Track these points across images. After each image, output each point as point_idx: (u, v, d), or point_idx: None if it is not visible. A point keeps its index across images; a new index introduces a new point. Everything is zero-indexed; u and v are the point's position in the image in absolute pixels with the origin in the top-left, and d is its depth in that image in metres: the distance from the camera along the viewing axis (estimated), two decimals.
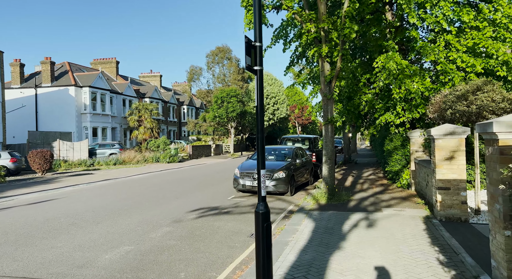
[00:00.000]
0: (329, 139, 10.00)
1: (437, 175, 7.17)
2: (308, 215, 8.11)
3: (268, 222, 3.66)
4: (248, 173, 10.84)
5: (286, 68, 12.65)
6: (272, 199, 10.61)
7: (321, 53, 9.58)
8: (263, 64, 3.77)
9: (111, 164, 26.32)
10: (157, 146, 28.55)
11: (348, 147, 21.93)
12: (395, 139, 11.84)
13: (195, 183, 14.29)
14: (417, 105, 10.63)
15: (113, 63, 40.93)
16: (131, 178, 17.13)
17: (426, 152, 10.80)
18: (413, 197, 9.92)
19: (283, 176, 10.73)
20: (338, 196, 9.79)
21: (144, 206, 9.61)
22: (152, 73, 50.65)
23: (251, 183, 10.67)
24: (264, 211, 3.59)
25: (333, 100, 10.05)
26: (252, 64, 3.65)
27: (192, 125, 42.32)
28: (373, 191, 11.31)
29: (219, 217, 8.15)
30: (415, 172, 10.96)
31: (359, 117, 12.81)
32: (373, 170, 17.95)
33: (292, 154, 12.21)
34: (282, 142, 16.07)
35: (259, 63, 3.68)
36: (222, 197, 10.86)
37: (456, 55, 10.32)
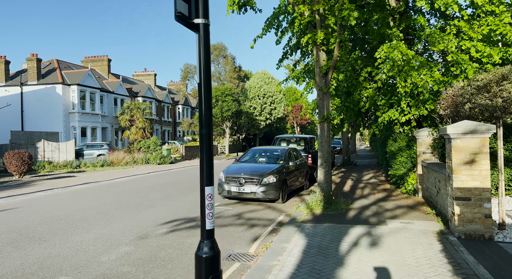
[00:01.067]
0: (325, 139, 8.75)
1: (454, 183, 5.93)
2: (300, 228, 6.87)
3: (217, 273, 2.33)
4: (234, 178, 9.59)
5: (279, 61, 11.38)
6: (261, 207, 9.36)
7: (315, 40, 8.33)
8: (209, 17, 2.43)
9: (98, 165, 25.04)
10: (147, 147, 27.28)
11: (347, 148, 20.72)
12: (399, 139, 10.61)
13: (179, 188, 13.03)
14: (424, 101, 9.41)
15: (104, 61, 39.63)
16: (113, 182, 15.87)
17: (435, 154, 9.57)
18: (421, 206, 8.68)
19: (274, 181, 9.49)
20: (335, 205, 8.54)
21: (111, 216, 8.35)
22: (146, 72, 49.36)
23: (237, 189, 9.41)
24: (210, 255, 2.29)
25: (329, 95, 8.81)
26: (192, 14, 2.34)
27: (187, 125, 41.04)
28: (375, 197, 10.07)
29: (194, 232, 6.89)
30: (422, 177, 9.72)
31: (359, 114, 11.57)
32: (374, 173, 16.71)
33: (285, 156, 10.96)
34: (275, 143, 14.80)
35: (203, 14, 2.38)
36: None
37: (470, 44, 9.09)
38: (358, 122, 11.61)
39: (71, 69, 34.47)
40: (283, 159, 10.81)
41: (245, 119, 37.27)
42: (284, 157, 10.90)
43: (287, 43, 11.59)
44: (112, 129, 36.62)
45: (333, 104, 10.41)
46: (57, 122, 29.85)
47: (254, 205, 9.57)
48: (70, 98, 30.69)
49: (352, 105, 10.71)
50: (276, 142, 14.75)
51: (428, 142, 9.66)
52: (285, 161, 10.74)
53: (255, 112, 42.76)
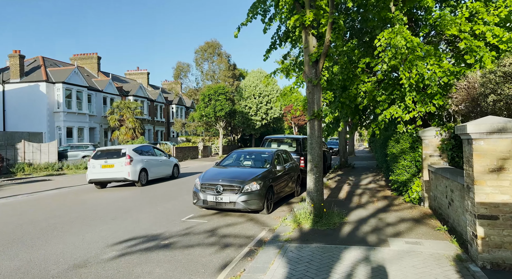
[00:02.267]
0: (316, 140, 7.42)
1: (476, 196, 4.61)
2: (283, 250, 5.53)
3: None
4: (211, 185, 8.24)
5: (266, 52, 9.99)
6: (242, 219, 8.02)
7: (304, 21, 7.00)
8: None
9: (81, 167, 23.67)
10: None
11: (344, 149, 19.38)
12: (402, 140, 9.28)
13: (154, 195, 11.67)
14: (432, 95, 8.09)
15: (94, 58, 38.26)
16: (87, 187, 14.51)
17: (443, 157, 8.25)
18: (428, 219, 7.35)
19: (257, 189, 8.15)
20: (327, 217, 7.21)
21: (57, 233, 7.00)
22: (139, 71, 48.02)
23: (214, 198, 8.06)
24: None
25: (320, 88, 7.47)
26: None
27: (179, 125, 39.66)
28: (374, 207, 8.74)
29: (149, 256, 5.54)
30: (429, 183, 8.40)
31: (356, 112, 10.25)
32: (373, 176, 15.38)
33: (272, 159, 9.61)
34: (264, 144, 13.44)
35: None
36: (175, 216, 8.24)
37: (485, 28, 7.78)
38: (355, 121, 10.28)
39: (57, 66, 33.09)
40: (270, 163, 9.47)
41: (239, 119, 35.91)
42: (271, 160, 9.56)
43: (276, 32, 10.25)
44: (101, 129, 35.25)
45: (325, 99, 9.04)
46: (41, 122, 28.46)
47: (234, 217, 8.22)
48: (55, 96, 29.31)
49: (348, 101, 9.40)
50: (265, 143, 13.39)
51: (435, 143, 8.34)
52: (272, 164, 9.40)
53: (250, 112, 41.39)
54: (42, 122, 28.47)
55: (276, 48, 10.20)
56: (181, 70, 41.56)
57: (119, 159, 13.33)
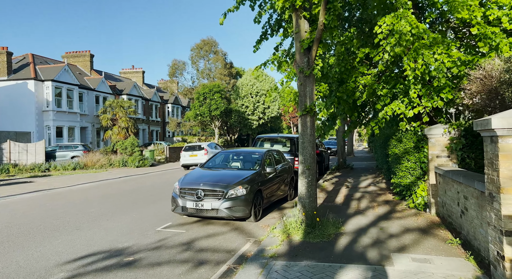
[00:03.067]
0: (308, 139, 6.52)
1: (503, 207, 3.70)
2: (266, 270, 4.63)
3: None
4: (191, 189, 7.32)
5: (256, 43, 9.08)
6: (226, 228, 7.10)
7: (294, 2, 6.09)
8: None
9: (69, 168, 22.73)
10: (124, 148, 24.97)
11: (342, 149, 18.47)
12: (405, 139, 8.37)
13: (133, 199, 10.71)
14: (440, 89, 7.18)
15: (86, 56, 37.31)
16: (67, 189, 13.59)
17: (452, 158, 7.35)
18: (437, 228, 6.45)
19: (243, 194, 7.23)
20: (321, 228, 6.29)
21: (6, 246, 6.07)
22: (134, 69, 47.08)
23: (194, 204, 7.13)
24: None
25: (313, 79, 6.57)
26: None
27: (174, 125, 38.72)
28: (375, 213, 7.83)
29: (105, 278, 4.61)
30: (436, 188, 7.50)
31: (355, 108, 9.34)
32: (373, 178, 14.47)
33: (262, 160, 8.69)
34: (256, 143, 12.50)
35: None
36: (151, 225, 7.31)
37: (501, 12, 6.88)
38: (354, 118, 9.37)
39: (48, 64, 32.14)
40: (259, 164, 8.56)
41: (235, 118, 34.99)
42: (261, 161, 8.64)
43: (267, 20, 9.34)
44: (93, 129, 34.31)
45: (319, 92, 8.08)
46: (29, 121, 27.52)
47: (218, 226, 7.30)
48: (44, 95, 28.36)
49: (346, 96, 8.48)
50: (257, 142, 12.46)
51: (443, 142, 7.44)
52: (262, 166, 8.48)
53: (247, 111, 40.50)
54: (30, 121, 27.53)
55: (267, 38, 9.28)
56: (177, 68, 40.62)
57: (200, 151, 21.61)
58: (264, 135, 12.97)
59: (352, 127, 9.98)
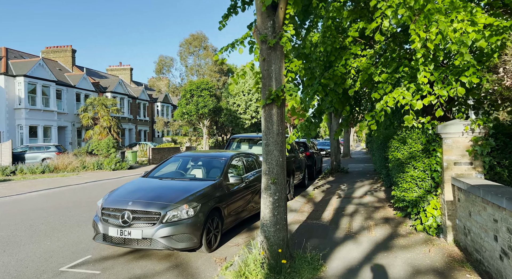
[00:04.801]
0: (274, 139, 4.54)
1: None
2: None
3: None
4: (117, 210, 5.29)
5: (223, 18, 7.09)
6: (163, 266, 5.09)
7: None
8: None
9: (38, 171, 20.68)
10: (100, 149, 22.93)
11: (336, 151, 16.49)
12: (411, 140, 6.38)
13: (65, 217, 8.54)
14: (460, 71, 5.20)
15: (68, 51, 35.22)
16: (12, 199, 11.56)
17: (477, 166, 5.41)
18: (459, 269, 4.46)
19: (189, 216, 5.23)
20: (291, 272, 4.29)
21: None
22: (122, 66, 45.03)
23: (118, 231, 5.11)
24: None
25: (282, 52, 4.59)
26: None
27: (161, 124, 36.67)
28: (371, 239, 5.85)
29: None
30: (454, 206, 5.54)
31: (346, 100, 7.35)
32: (370, 185, 12.50)
33: (224, 167, 6.67)
34: (230, 145, 10.44)
35: None
36: (57, 261, 5.25)
37: None
38: (346, 114, 7.37)
39: (23, 59, 30.06)
40: (221, 173, 6.54)
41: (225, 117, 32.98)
42: (222, 169, 6.62)
43: None
44: (74, 128, 32.25)
45: (290, 71, 5.98)
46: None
47: (153, 260, 5.28)
48: (16, 91, 26.28)
49: (333, 83, 6.49)
50: (232, 144, 10.40)
51: (463, 144, 5.48)
52: (223, 175, 6.47)
53: (239, 109, 38.49)
54: (0, 120, 25.45)
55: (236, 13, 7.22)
56: (164, 65, 38.59)
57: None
58: (240, 135, 10.90)
59: (344, 125, 7.97)
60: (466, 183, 4.84)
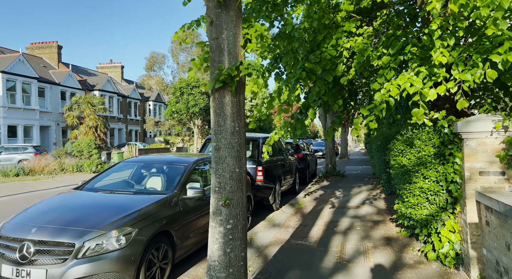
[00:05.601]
0: (228, 140, 3.10)
1: None
2: None
3: None
4: (16, 240, 3.84)
5: None
6: None
7: None
8: None
9: (12, 174, 19.18)
10: (80, 150, 21.47)
11: (331, 153, 15.05)
12: (420, 141, 4.95)
13: None
14: (491, 47, 3.77)
15: (53, 47, 33.73)
16: None
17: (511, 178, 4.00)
18: None
19: (120, 247, 3.79)
20: None
21: None
22: (112, 64, 43.54)
23: (14, 271, 3.66)
24: None
25: (239, 11, 3.13)
26: None
27: (151, 124, 35.20)
28: (368, 271, 4.42)
29: None
30: (480, 230, 4.12)
31: (338, 91, 5.92)
32: (368, 191, 11.07)
33: (181, 177, 5.22)
34: (205, 147, 8.96)
35: None
36: None
37: None
38: (337, 108, 5.93)
39: (3, 54, 28.56)
40: (175, 185, 5.09)
41: None
42: (179, 179, 5.16)
43: None
44: (58, 128, 30.77)
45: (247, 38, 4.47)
46: None
47: None
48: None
49: (321, 69, 5.07)
50: (207, 146, 8.96)
51: (493, 147, 4.08)
52: (179, 187, 5.02)
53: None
54: None
55: None
56: (155, 61, 37.10)
57: None
58: None
59: (337, 123, 6.53)
60: (500, 202, 3.42)
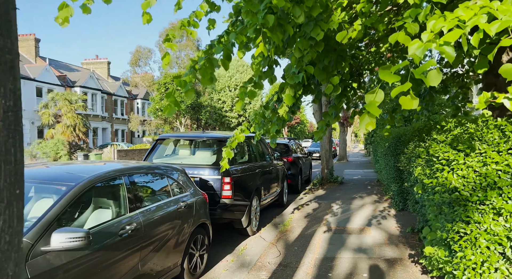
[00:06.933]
0: None
1: None
2: None
3: None
4: None
5: None
6: None
7: None
8: None
9: None
10: (46, 151, 19.18)
11: (328, 155, 12.73)
12: (485, 146, 2.66)
13: None
14: None
15: (30, 40, 31.36)
16: None
17: None
18: None
19: None
20: None
21: None
22: (98, 60, 41.18)
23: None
24: None
25: None
26: None
27: (136, 123, 32.86)
28: None
29: None
30: None
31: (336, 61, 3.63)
32: (373, 205, 8.79)
33: (48, 210, 2.90)
34: (153, 151, 6.50)
35: None
36: None
37: None
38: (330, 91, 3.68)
39: None
40: (31, 226, 2.78)
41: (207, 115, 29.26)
42: (42, 215, 2.85)
43: None
44: (33, 127, 28.43)
45: None
46: None
47: None
48: None
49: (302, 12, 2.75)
50: (157, 148, 6.57)
51: None
52: (34, 231, 2.72)
53: (224, 106, 34.80)
54: None
55: None
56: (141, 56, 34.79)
57: None
58: (173, 135, 6.98)
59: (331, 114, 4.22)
60: None
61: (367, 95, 1.84)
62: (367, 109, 1.72)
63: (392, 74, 1.82)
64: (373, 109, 1.74)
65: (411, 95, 1.68)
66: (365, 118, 1.74)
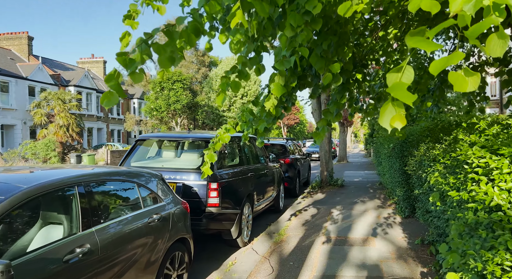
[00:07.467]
0: None
1: None
2: None
3: None
4: None
5: None
6: None
7: None
8: None
9: None
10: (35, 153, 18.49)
11: (327, 157, 12.06)
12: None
13: None
14: None
15: (23, 38, 30.63)
16: None
17: None
18: None
19: None
20: None
21: None
22: (94, 58, 40.47)
23: None
24: None
25: None
26: None
27: (131, 123, 32.15)
28: None
29: None
30: None
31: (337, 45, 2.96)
32: (377, 211, 8.12)
33: None
34: (132, 153, 5.79)
35: None
36: None
37: None
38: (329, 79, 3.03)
39: None
40: None
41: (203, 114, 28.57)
42: None
43: None
44: (25, 127, 27.72)
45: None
46: None
47: None
48: None
49: None
50: (136, 150, 5.88)
51: None
52: None
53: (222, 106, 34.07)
54: None
55: None
56: None
57: None
58: (154, 135, 6.27)
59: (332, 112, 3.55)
60: None
61: (389, 74, 1.16)
62: (391, 94, 1.05)
63: (430, 40, 1.14)
64: (400, 94, 1.07)
65: (467, 70, 1.00)
66: (389, 109, 1.07)
